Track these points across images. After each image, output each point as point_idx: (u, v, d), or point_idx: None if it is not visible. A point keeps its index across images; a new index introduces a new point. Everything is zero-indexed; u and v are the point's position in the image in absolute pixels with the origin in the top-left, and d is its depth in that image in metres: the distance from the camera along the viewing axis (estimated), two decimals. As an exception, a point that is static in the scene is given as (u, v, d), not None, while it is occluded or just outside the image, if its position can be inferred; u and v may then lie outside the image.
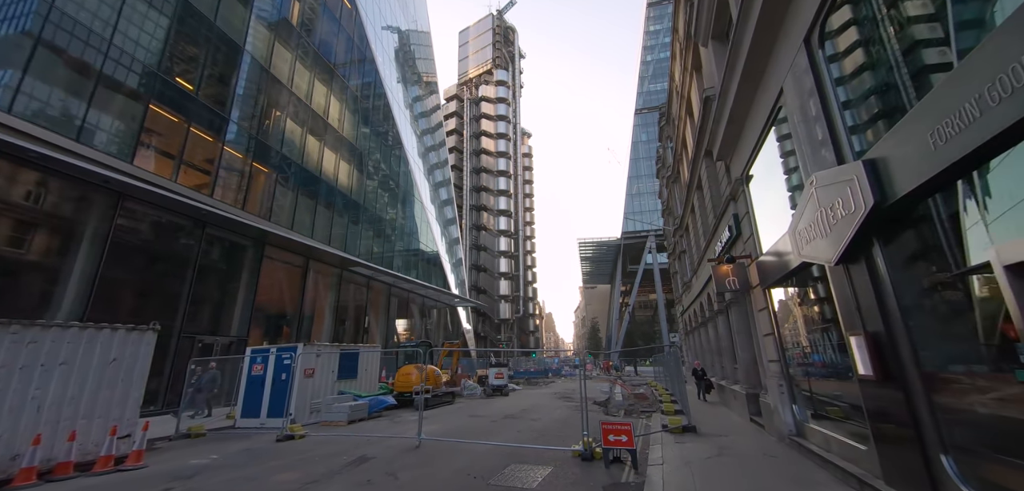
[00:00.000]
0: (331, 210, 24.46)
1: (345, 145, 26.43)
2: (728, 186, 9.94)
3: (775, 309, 8.14)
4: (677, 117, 18.60)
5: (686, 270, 21.21)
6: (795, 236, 5.85)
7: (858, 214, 4.12)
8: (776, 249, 7.48)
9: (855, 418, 5.49)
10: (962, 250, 3.34)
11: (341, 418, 11.06)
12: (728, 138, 9.13)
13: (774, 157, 7.67)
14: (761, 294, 8.42)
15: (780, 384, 7.82)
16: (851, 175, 4.19)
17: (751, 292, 9.07)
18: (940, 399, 3.66)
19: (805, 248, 5.53)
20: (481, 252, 70.85)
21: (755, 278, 8.61)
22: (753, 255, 8.72)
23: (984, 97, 2.60)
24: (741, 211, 9.33)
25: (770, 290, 8.23)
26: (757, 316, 8.99)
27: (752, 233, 8.73)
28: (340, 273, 24.91)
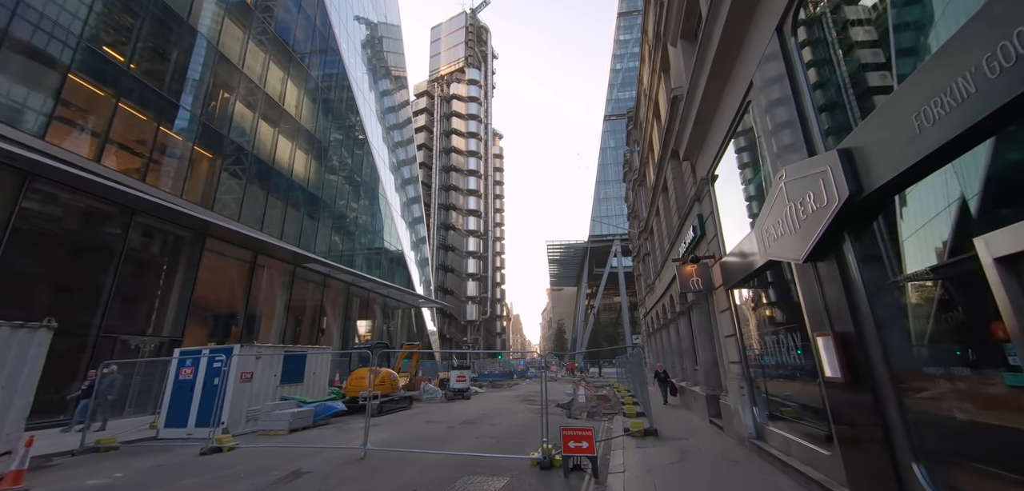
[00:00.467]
0: (285, 202, 22.88)
1: (303, 135, 24.88)
2: (693, 186, 9.86)
3: (738, 310, 8.04)
4: (644, 120, 18.71)
5: (650, 272, 21.42)
6: (761, 234, 5.66)
7: (831, 207, 3.89)
8: (740, 249, 7.36)
9: (818, 421, 5.34)
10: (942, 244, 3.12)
11: (281, 426, 10.05)
12: (695, 137, 9.02)
13: (740, 156, 7.56)
14: (724, 295, 8.32)
15: (741, 386, 7.71)
16: (824, 166, 3.96)
17: (714, 293, 8.98)
18: (913, 403, 3.46)
19: (772, 246, 5.33)
20: (449, 252, 69.61)
21: (718, 278, 8.51)
22: (717, 255, 8.62)
23: (981, 69, 2.34)
24: (706, 211, 9.24)
25: (733, 291, 8.13)
26: (719, 317, 8.91)
27: (716, 233, 8.64)
28: (293, 270, 23.34)
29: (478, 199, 75.23)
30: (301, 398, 11.60)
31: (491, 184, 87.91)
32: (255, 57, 21.75)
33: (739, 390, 7.71)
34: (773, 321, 6.50)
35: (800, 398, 5.80)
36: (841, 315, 4.19)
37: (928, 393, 3.29)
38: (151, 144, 16.24)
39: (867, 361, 3.86)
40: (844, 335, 4.16)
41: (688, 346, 13.98)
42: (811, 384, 5.40)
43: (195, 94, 18.15)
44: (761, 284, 7.03)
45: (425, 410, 14.87)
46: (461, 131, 76.35)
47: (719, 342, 9.28)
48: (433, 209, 68.92)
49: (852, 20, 4.06)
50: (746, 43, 6.19)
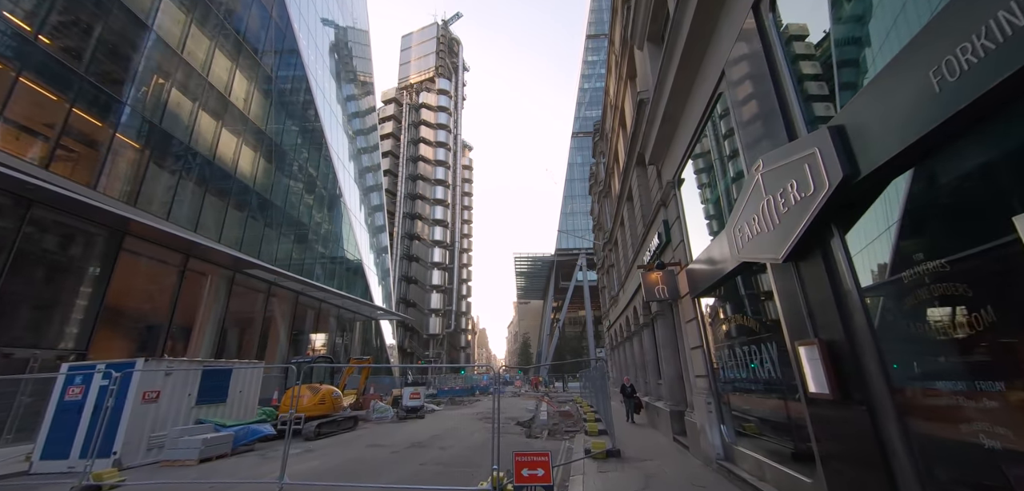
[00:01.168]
0: (226, 202, 20.84)
1: (252, 132, 22.96)
2: (659, 192, 9.46)
3: (705, 320, 7.57)
4: (611, 131, 18.56)
5: (614, 284, 21.14)
6: (733, 235, 5.16)
7: (818, 195, 3.36)
8: (708, 255, 6.90)
9: (796, 442, 4.81)
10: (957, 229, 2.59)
11: (189, 456, 8.52)
12: (661, 139, 8.62)
13: (709, 157, 7.16)
14: (690, 304, 7.84)
15: (708, 402, 7.18)
16: (811, 148, 3.43)
17: (680, 302, 8.51)
18: (920, 424, 2.91)
19: (746, 247, 4.81)
20: (413, 263, 67.42)
21: (684, 286, 8.04)
22: (683, 262, 8.17)
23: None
24: (672, 217, 8.82)
25: (700, 299, 7.67)
26: (685, 328, 8.43)
27: (683, 239, 8.20)
28: (233, 276, 21.21)
29: (445, 209, 73.83)
30: (220, 421, 10.02)
31: (459, 195, 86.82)
32: (198, 43, 19.88)
33: (706, 406, 7.18)
34: (744, 331, 6.01)
35: (775, 416, 5.28)
36: (829, 321, 3.65)
37: (941, 412, 2.73)
38: (60, 128, 14.16)
39: (861, 374, 3.31)
40: (832, 344, 3.61)
41: (652, 359, 13.57)
42: (789, 401, 4.88)
43: (121, 77, 16.17)
44: (730, 292, 6.56)
45: (372, 432, 13.50)
46: (430, 140, 75.07)
47: (684, 354, 8.80)
48: (397, 218, 66.79)
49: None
50: (717, 31, 5.78)
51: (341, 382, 14.82)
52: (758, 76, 4.61)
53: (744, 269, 5.57)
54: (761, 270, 5.18)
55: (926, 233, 2.88)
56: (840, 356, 3.51)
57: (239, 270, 21.39)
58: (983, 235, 2.35)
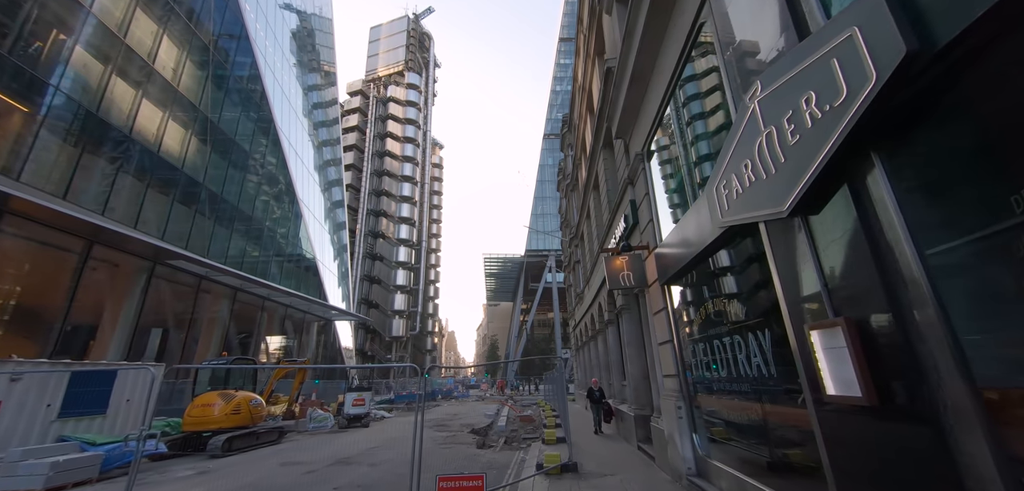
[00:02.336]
0: (145, 183, 18.21)
1: (182, 106, 20.33)
2: (627, 168, 8.37)
3: (675, 310, 6.49)
4: (578, 118, 17.57)
5: (579, 281, 20.17)
6: (714, 195, 4.04)
7: (857, 97, 2.21)
8: (680, 235, 5.81)
9: (791, 457, 3.71)
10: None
11: (33, 484, 6.56)
12: (629, 107, 7.52)
13: (683, 120, 6.09)
14: (659, 292, 6.75)
15: (678, 406, 6.08)
16: (845, 31, 2.29)
17: (647, 291, 7.42)
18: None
19: (733, 205, 3.68)
20: (376, 262, 64.42)
21: (652, 272, 6.95)
22: (652, 245, 7.08)
23: None
24: (640, 194, 7.74)
25: (670, 287, 6.59)
26: (652, 321, 7.34)
27: (652, 218, 7.11)
28: (152, 268, 18.59)
29: (412, 207, 71.28)
30: (90, 439, 8.01)
31: (428, 194, 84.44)
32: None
33: (676, 411, 6.07)
34: (723, 320, 4.92)
35: (762, 424, 4.17)
36: (861, 293, 2.53)
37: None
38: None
39: (918, 369, 2.18)
40: (867, 326, 2.48)
41: (616, 358, 12.54)
42: (780, 405, 3.77)
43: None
44: (707, 274, 5.48)
45: (299, 445, 11.68)
46: (397, 135, 72.35)
47: (652, 352, 7.72)
48: (361, 215, 63.70)
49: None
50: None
51: (267, 388, 12.87)
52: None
53: (727, 241, 4.48)
54: (749, 238, 4.08)
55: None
56: (881, 343, 2.38)
57: (161, 261, 18.78)
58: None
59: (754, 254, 4.07)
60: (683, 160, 6.07)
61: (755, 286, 4.14)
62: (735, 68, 4.01)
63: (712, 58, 4.76)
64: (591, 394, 12.35)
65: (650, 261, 7.11)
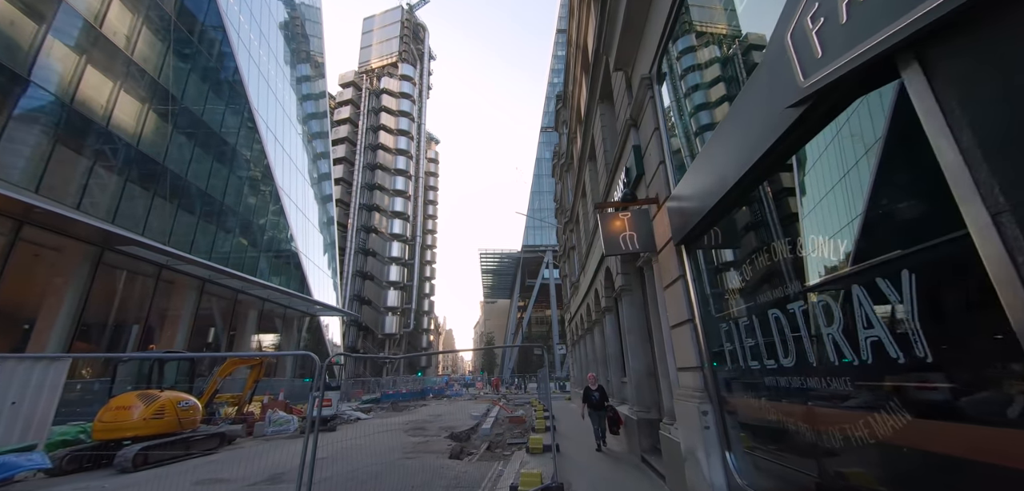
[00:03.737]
0: (91, 160, 16.33)
1: (139, 78, 18.44)
2: (629, 105, 6.57)
3: (696, 279, 4.70)
4: (573, 83, 15.77)
5: (575, 268, 18.38)
6: (790, 48, 2.27)
7: None
8: (707, 170, 4.03)
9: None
10: None
11: None
12: (632, 19, 5.73)
13: (708, 11, 4.29)
14: (672, 257, 4.97)
15: (703, 411, 4.30)
16: None
17: (656, 258, 5.64)
18: None
19: (834, 43, 1.88)
20: (369, 257, 62.57)
21: (664, 231, 5.17)
22: (661, 197, 5.30)
23: None
24: (646, 136, 5.94)
25: (688, 247, 4.80)
26: (663, 297, 5.56)
27: (663, 160, 5.31)
28: (99, 254, 16.74)
29: (406, 201, 69.44)
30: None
31: (423, 189, 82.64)
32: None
33: (699, 418, 4.30)
34: (786, 278, 3.12)
35: (878, 446, 2.37)
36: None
37: None
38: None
39: None
40: None
41: (615, 351, 10.76)
42: (932, 417, 1.99)
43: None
44: (750, 216, 3.70)
45: (238, 454, 9.88)
46: (391, 127, 70.51)
47: (662, 339, 5.93)
48: (353, 209, 61.84)
49: None
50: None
51: (209, 386, 11.07)
52: None
53: (809, 125, 2.67)
54: (863, 104, 2.28)
55: None
56: None
57: (109, 247, 16.95)
58: None
59: (871, 135, 2.26)
60: (710, 70, 4.27)
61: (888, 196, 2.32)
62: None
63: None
64: (589, 396, 8.88)
65: (660, 218, 5.32)
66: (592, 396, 8.83)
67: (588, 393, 8.93)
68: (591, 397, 8.84)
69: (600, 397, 8.73)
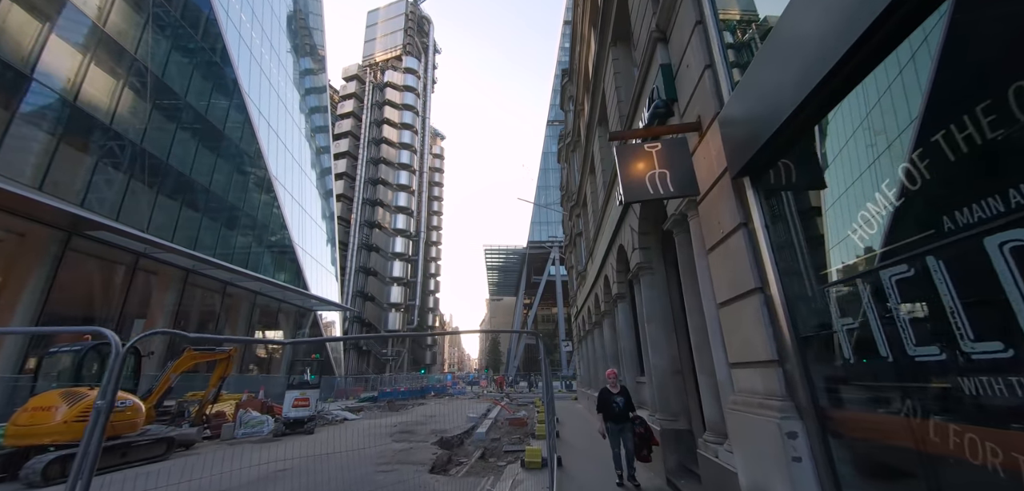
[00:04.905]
0: (57, 139, 15.03)
1: (111, 51, 17.15)
2: (654, 16, 4.91)
3: (771, 225, 3.06)
4: (581, 42, 14.10)
5: (581, 257, 16.71)
6: None
7: None
8: (775, 80, 2.39)
9: None
10: None
11: None
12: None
13: None
14: (728, 199, 3.34)
15: (789, 433, 2.67)
16: None
17: (699, 207, 4.00)
18: None
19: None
20: (372, 253, 61.47)
21: (712, 164, 3.55)
22: (707, 116, 3.66)
23: None
24: (679, 46, 4.30)
25: (752, 181, 3.17)
26: (706, 264, 3.93)
27: (709, 64, 3.68)
28: (66, 239, 15.48)
29: (409, 196, 68.25)
30: None
31: (427, 184, 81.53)
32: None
33: (781, 443, 2.67)
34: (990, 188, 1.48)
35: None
36: None
37: None
38: None
39: None
40: None
41: (629, 346, 9.09)
42: None
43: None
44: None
45: (185, 464, 8.45)
46: (394, 121, 69.36)
47: (703, 323, 4.28)
48: (356, 204, 60.79)
49: None
50: None
51: (160, 385, 9.66)
52: None
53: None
54: None
55: None
56: None
57: (78, 232, 15.69)
58: None
59: None
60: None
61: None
62: None
63: None
64: (607, 403, 5.90)
65: (706, 147, 3.69)
66: (613, 403, 5.83)
67: (606, 398, 5.91)
68: (612, 405, 5.83)
69: (625, 404, 5.80)
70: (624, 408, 5.79)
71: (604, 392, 6.00)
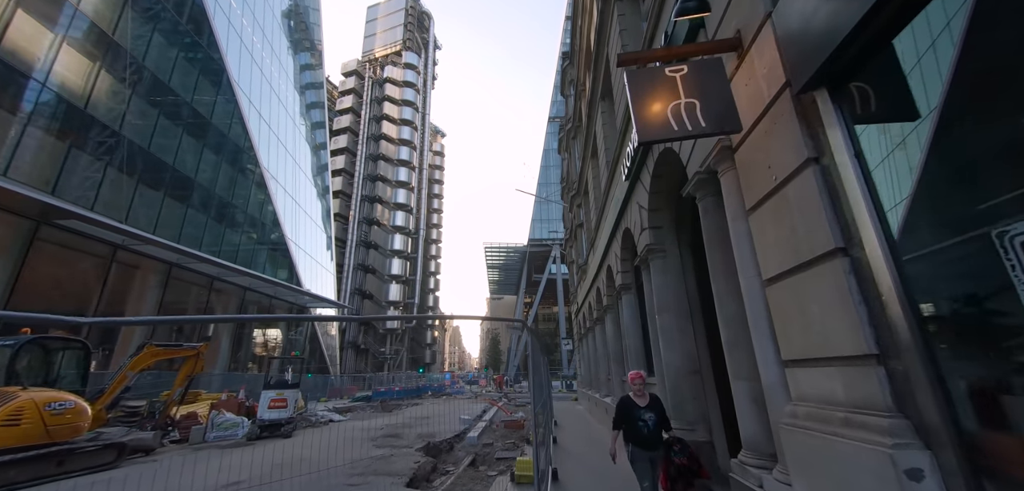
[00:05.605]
0: (20, 119, 14.10)
1: (85, 31, 16.23)
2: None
3: (854, 155, 2.07)
4: (582, 14, 13.09)
5: (582, 250, 15.69)
6: None
7: None
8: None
9: None
10: None
11: None
12: None
13: None
14: (789, 128, 2.36)
15: (911, 470, 1.69)
16: None
17: (736, 155, 3.01)
18: None
19: None
20: (371, 250, 60.60)
21: (761, 85, 2.56)
22: (753, 24, 2.67)
23: None
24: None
25: (832, 94, 2.18)
26: (743, 231, 2.94)
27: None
28: (35, 228, 14.55)
29: (409, 193, 67.37)
30: None
31: (427, 182, 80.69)
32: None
33: (897, 481, 1.70)
34: None
35: None
36: None
37: None
38: None
39: None
40: None
41: (635, 344, 8.07)
42: None
43: None
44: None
45: (141, 471, 7.51)
46: (394, 118, 68.53)
47: (741, 309, 3.28)
48: (355, 201, 59.96)
49: None
50: None
51: (114, 384, 8.69)
52: None
53: None
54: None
55: None
56: None
57: (48, 221, 14.77)
58: None
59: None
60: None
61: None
62: None
63: None
64: (630, 418, 3.86)
65: (751, 66, 2.70)
66: (639, 421, 3.78)
67: (629, 412, 3.88)
68: (637, 423, 3.79)
69: (657, 422, 3.78)
70: (657, 428, 3.73)
71: (625, 403, 3.97)
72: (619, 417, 3.94)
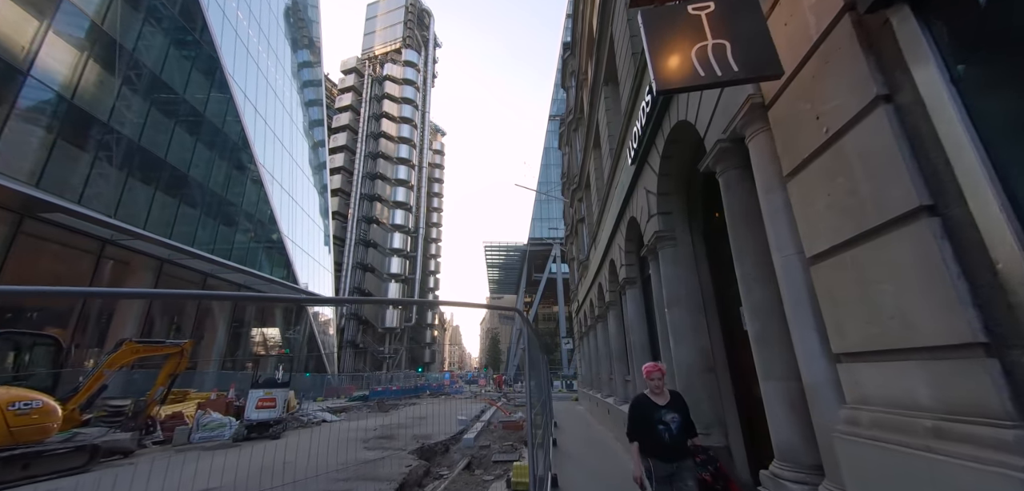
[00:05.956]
0: (8, 110, 13.64)
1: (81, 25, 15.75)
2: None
3: (949, 82, 1.59)
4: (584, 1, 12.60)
5: (583, 245, 15.20)
6: None
7: None
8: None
9: None
10: None
11: None
12: None
13: None
14: (853, 64, 1.88)
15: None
16: None
17: (771, 111, 2.53)
18: None
19: None
20: (370, 249, 60.10)
21: (809, 18, 2.08)
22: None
23: None
24: None
25: (905, 14, 1.70)
26: (784, 200, 2.46)
27: None
28: (19, 221, 14.09)
29: (408, 191, 66.91)
30: None
31: (427, 180, 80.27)
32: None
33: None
34: None
35: None
36: None
37: None
38: None
39: None
40: None
41: (641, 340, 7.58)
42: None
43: None
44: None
45: (115, 473, 7.04)
46: (393, 116, 68.10)
47: (775, 294, 2.79)
48: (354, 199, 59.52)
49: None
50: None
51: (88, 382, 8.20)
52: None
53: None
54: None
55: None
56: None
57: (31, 215, 14.32)
58: None
59: None
60: None
61: None
62: None
63: None
64: (648, 421, 3.12)
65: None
66: (658, 425, 3.07)
67: (646, 414, 3.17)
68: (656, 427, 3.06)
69: (681, 426, 3.09)
70: (681, 433, 3.04)
71: (641, 403, 3.24)
72: (635, 423, 3.12)
